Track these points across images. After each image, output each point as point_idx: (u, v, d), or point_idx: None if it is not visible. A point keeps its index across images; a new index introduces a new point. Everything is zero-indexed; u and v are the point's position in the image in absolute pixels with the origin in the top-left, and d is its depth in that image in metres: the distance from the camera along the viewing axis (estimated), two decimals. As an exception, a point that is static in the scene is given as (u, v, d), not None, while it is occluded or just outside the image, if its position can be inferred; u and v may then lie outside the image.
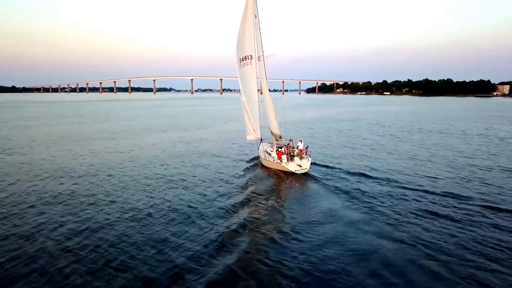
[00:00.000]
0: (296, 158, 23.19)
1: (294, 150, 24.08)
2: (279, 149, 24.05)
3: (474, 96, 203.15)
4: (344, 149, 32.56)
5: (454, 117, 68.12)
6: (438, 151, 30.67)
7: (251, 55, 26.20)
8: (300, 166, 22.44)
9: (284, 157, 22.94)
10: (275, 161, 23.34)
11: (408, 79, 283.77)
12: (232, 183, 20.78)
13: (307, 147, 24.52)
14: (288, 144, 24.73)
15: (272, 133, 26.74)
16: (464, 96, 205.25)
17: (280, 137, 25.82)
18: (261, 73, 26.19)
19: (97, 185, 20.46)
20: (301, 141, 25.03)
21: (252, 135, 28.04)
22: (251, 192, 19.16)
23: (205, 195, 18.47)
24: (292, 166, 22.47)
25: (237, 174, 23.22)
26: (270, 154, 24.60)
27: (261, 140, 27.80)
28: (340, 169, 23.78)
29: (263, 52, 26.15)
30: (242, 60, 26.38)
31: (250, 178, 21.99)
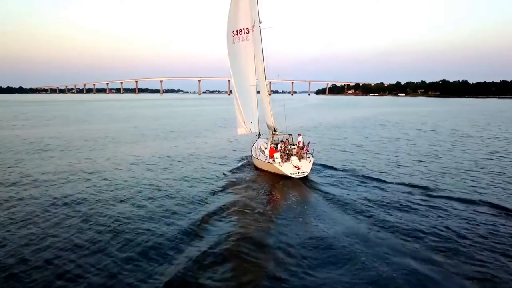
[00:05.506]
0: (294, 158, 16.97)
1: (293, 148, 17.73)
2: (272, 146, 17.90)
3: (496, 97, 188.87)
4: (371, 154, 25.05)
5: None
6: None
7: (247, 28, 21.10)
8: (298, 168, 16.36)
9: (277, 155, 16.69)
10: (267, 161, 17.11)
11: (422, 80, 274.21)
12: (206, 190, 14.73)
13: (308, 144, 18.13)
14: (287, 140, 18.40)
15: (267, 125, 21.00)
16: (485, 97, 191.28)
17: (275, 130, 19.53)
18: (256, 48, 20.49)
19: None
20: (300, 135, 18.80)
21: (243, 129, 22.16)
22: (227, 203, 13.27)
23: (167, 209, 12.65)
24: (287, 168, 16.36)
25: (218, 177, 17.21)
26: (263, 152, 18.73)
27: (259, 135, 22.03)
28: (352, 173, 17.64)
29: (260, 22, 20.42)
30: (235, 35, 21.22)
31: (232, 184, 16.08)
